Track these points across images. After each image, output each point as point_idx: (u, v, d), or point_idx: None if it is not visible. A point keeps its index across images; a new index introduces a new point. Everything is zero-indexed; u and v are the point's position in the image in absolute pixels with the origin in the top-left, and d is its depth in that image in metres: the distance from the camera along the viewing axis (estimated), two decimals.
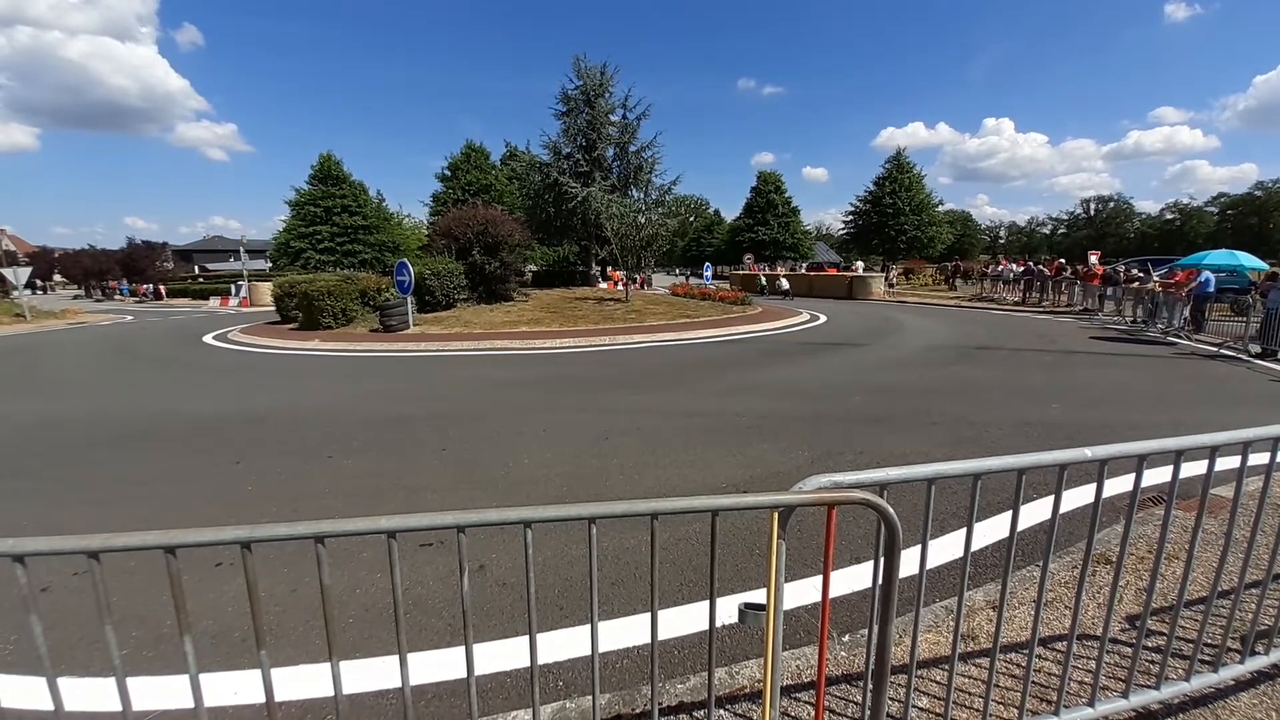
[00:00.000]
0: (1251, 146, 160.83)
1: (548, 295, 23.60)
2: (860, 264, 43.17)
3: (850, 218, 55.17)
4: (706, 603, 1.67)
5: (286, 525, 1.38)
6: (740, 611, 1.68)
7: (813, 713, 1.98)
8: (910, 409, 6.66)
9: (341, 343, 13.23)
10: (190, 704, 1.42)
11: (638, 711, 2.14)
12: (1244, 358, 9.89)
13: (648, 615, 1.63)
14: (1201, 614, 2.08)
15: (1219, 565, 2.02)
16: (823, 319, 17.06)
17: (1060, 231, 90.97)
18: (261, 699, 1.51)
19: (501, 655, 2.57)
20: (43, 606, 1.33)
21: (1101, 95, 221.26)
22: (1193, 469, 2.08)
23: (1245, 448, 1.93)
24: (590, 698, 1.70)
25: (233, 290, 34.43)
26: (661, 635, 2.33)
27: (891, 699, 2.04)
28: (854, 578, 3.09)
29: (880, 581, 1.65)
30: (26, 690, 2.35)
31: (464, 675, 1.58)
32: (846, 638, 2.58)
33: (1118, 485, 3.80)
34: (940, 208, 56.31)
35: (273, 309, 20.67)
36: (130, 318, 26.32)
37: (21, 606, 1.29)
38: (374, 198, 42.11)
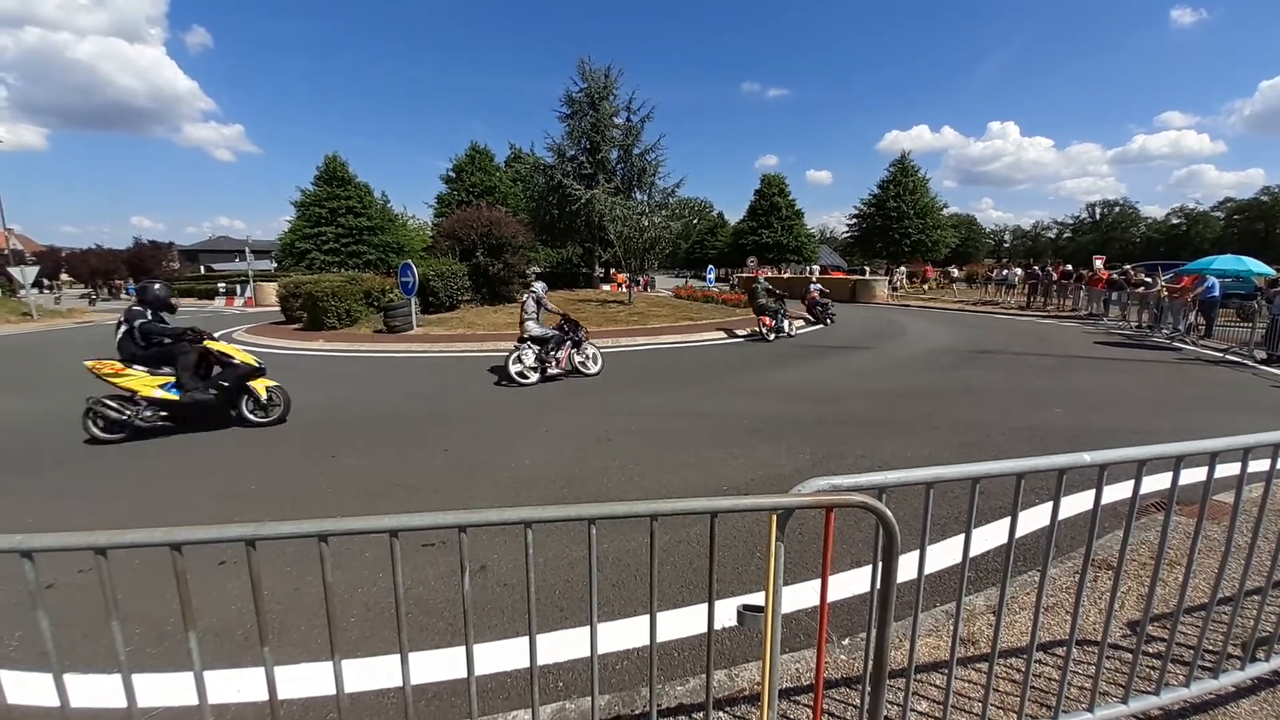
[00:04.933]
0: (1258, 151, 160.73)
1: (552, 297, 23.58)
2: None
3: (854, 221, 55.04)
4: (706, 605, 1.67)
5: (290, 523, 1.39)
6: (739, 613, 1.69)
7: (811, 715, 1.99)
8: (913, 413, 6.65)
9: (345, 343, 13.27)
10: (194, 701, 1.44)
11: (637, 713, 2.15)
12: (1249, 363, 9.84)
13: (647, 617, 1.64)
14: (1202, 620, 2.08)
15: (1219, 571, 2.01)
16: (825, 322, 17.02)
17: (1065, 236, 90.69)
18: (264, 697, 1.52)
19: (502, 655, 2.58)
20: (48, 603, 1.34)
21: (1107, 99, 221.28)
22: (1194, 475, 2.08)
23: (1245, 454, 1.92)
24: (590, 699, 1.71)
25: (223, 289, 34.99)
26: (661, 637, 2.34)
27: (890, 702, 2.05)
28: (854, 581, 3.09)
29: (878, 585, 1.66)
30: (31, 686, 2.37)
31: (465, 675, 1.59)
32: (846, 641, 2.58)
33: (1120, 491, 3.79)
34: (945, 211, 56.14)
35: (277, 309, 20.76)
36: None
37: (27, 603, 1.31)
38: (379, 199, 42.22)
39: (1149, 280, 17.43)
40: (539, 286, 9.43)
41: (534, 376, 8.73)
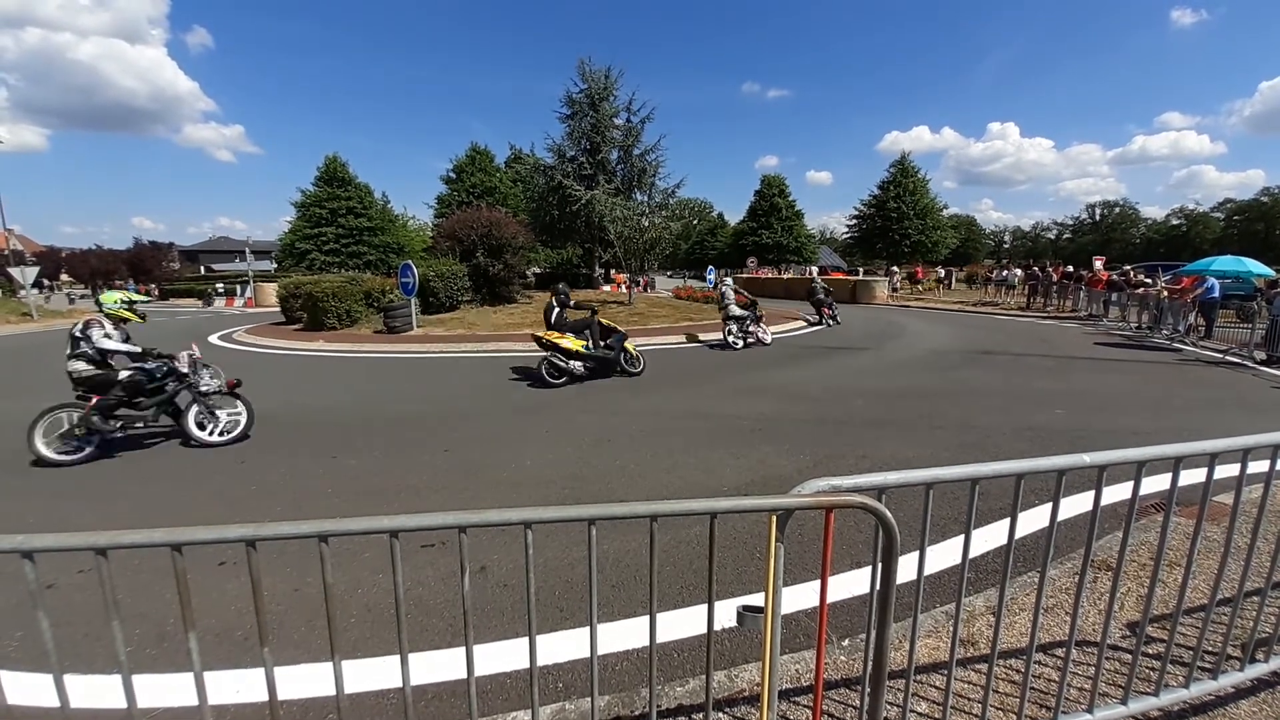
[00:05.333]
0: (1258, 152, 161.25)
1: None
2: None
3: (854, 222, 55.10)
4: (706, 606, 1.67)
5: (290, 524, 1.39)
6: (739, 614, 1.69)
7: (810, 716, 1.99)
8: (913, 413, 6.65)
9: (346, 344, 13.27)
10: (194, 701, 1.44)
11: (637, 714, 2.15)
12: (1249, 364, 9.84)
13: (647, 618, 1.64)
14: (1201, 621, 2.08)
15: (1219, 572, 2.02)
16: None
17: (1065, 236, 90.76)
18: (263, 697, 1.53)
19: (502, 656, 2.58)
20: (48, 603, 1.34)
21: (1107, 100, 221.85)
22: (1193, 476, 2.08)
23: (1245, 455, 1.93)
24: (590, 699, 1.71)
25: (220, 290, 35.29)
26: (661, 638, 2.34)
27: (890, 703, 2.05)
28: (854, 582, 3.09)
29: (878, 586, 1.66)
30: (31, 687, 2.38)
31: (464, 676, 1.60)
32: (846, 642, 2.58)
33: (1120, 492, 3.79)
34: (945, 212, 56.20)
35: (278, 310, 20.77)
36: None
37: (27, 603, 1.31)
38: (379, 199, 42.27)
39: (1149, 281, 17.43)
40: (730, 281, 13.48)
41: (740, 344, 12.18)
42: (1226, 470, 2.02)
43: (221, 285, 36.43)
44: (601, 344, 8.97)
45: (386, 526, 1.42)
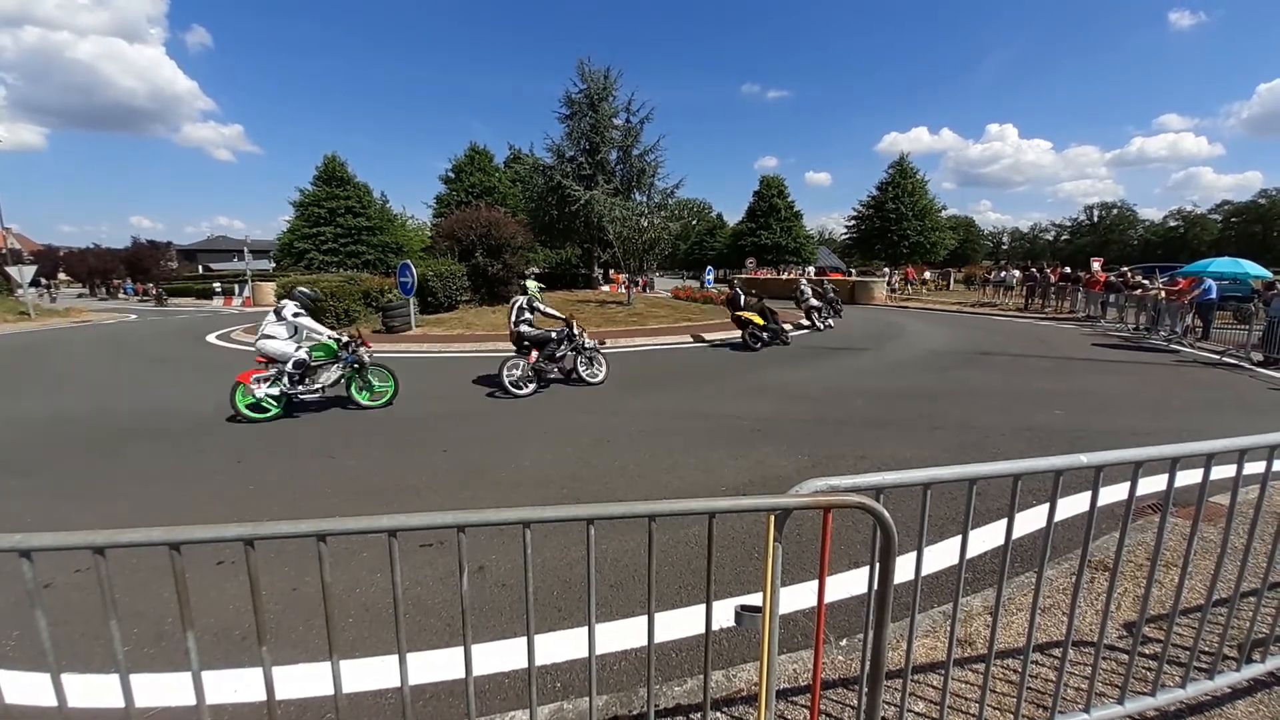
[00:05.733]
0: (1256, 154, 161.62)
1: (550, 297, 23.60)
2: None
3: (853, 223, 55.11)
4: (704, 605, 1.68)
5: (289, 523, 1.39)
6: (737, 614, 1.69)
7: (808, 716, 1.99)
8: (912, 413, 6.66)
9: None
10: (192, 701, 1.44)
11: (635, 713, 2.15)
12: (1246, 365, 9.87)
13: (645, 617, 1.64)
14: (1198, 621, 2.08)
15: (1215, 573, 2.02)
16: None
17: (1064, 238, 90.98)
18: (261, 697, 1.53)
19: (500, 656, 2.58)
20: (45, 603, 1.34)
21: (1106, 102, 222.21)
22: (1190, 476, 2.09)
23: (1241, 455, 1.93)
24: (588, 699, 1.72)
25: (218, 289, 35.40)
26: (659, 638, 2.34)
27: (887, 703, 2.05)
28: (852, 582, 3.09)
29: (876, 586, 1.67)
30: (28, 686, 2.37)
31: (462, 675, 1.60)
32: (844, 642, 2.59)
33: (1118, 492, 3.80)
34: (943, 213, 56.28)
35: None
36: (134, 316, 26.42)
37: (25, 602, 1.31)
38: (378, 199, 42.21)
39: (1146, 282, 17.46)
40: (805, 281, 17.41)
41: (821, 328, 15.33)
42: (1223, 471, 2.03)
43: (219, 285, 36.44)
44: (772, 322, 12.14)
45: (385, 526, 1.42)
